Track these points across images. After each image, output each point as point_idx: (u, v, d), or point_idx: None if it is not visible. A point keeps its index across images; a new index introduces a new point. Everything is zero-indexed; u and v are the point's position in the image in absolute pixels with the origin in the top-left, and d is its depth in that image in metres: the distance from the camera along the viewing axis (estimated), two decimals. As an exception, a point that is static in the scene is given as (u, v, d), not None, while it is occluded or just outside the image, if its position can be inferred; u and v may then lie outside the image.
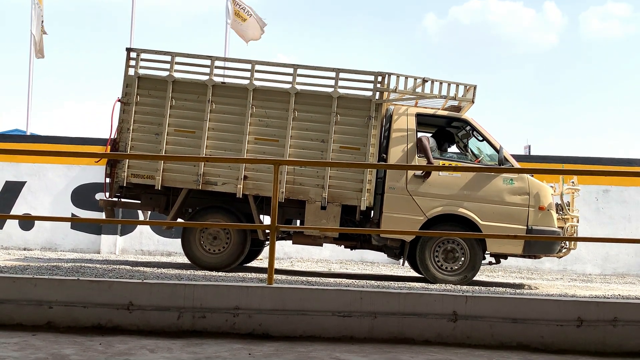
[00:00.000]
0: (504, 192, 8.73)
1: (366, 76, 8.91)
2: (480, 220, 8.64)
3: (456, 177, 8.76)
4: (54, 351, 3.81)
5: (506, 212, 8.68)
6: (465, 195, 8.73)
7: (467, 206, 8.70)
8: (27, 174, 13.00)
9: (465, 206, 8.71)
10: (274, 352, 4.01)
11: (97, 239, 12.82)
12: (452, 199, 8.74)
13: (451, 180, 8.78)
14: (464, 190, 8.74)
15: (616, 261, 12.46)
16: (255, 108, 8.93)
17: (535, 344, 4.45)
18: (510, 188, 8.73)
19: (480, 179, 8.76)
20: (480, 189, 8.74)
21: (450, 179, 8.78)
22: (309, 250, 12.36)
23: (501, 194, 8.73)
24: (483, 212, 8.68)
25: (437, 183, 8.78)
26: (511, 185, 8.73)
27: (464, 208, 8.71)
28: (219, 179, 8.94)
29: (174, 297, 4.56)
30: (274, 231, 5.00)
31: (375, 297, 4.55)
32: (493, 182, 8.77)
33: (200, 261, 9.04)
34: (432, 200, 8.74)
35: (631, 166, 12.29)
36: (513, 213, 8.68)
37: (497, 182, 8.76)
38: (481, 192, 8.73)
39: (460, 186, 8.75)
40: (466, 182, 8.76)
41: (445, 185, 8.77)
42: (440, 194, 8.76)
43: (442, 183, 8.78)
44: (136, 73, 9.05)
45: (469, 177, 8.75)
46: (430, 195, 8.76)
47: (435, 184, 8.77)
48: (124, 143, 8.99)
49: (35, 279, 4.65)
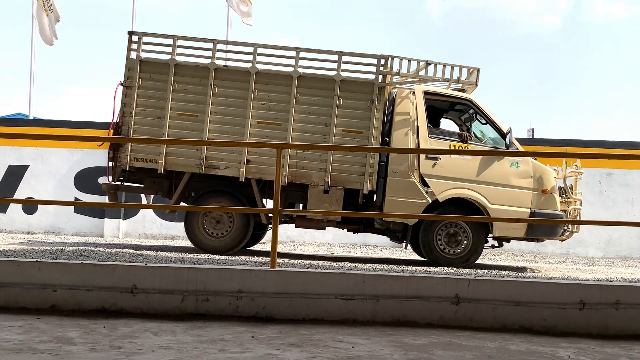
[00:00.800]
0: (510, 175, 8.70)
1: (369, 59, 8.88)
2: (485, 203, 8.63)
3: (460, 160, 8.72)
4: (59, 334, 3.83)
5: (512, 195, 8.66)
6: (469, 178, 8.70)
7: (471, 189, 8.68)
8: (30, 158, 13.01)
9: (470, 189, 8.68)
10: (277, 334, 4.03)
11: (100, 223, 12.86)
12: (457, 182, 8.71)
13: (456, 163, 8.74)
14: (469, 173, 8.70)
15: (619, 244, 12.47)
16: (258, 91, 8.91)
17: (538, 327, 4.47)
18: (516, 171, 8.71)
19: (485, 162, 8.71)
20: (486, 172, 8.69)
21: (456, 162, 8.73)
22: (312, 233, 12.39)
23: (507, 177, 8.70)
24: (487, 195, 8.66)
25: (444, 166, 8.74)
26: (516, 169, 8.70)
27: (471, 190, 8.67)
28: (222, 163, 8.94)
29: (178, 280, 4.57)
30: (277, 215, 5.00)
31: (378, 281, 4.56)
32: (499, 165, 8.72)
33: (203, 245, 9.07)
34: (440, 184, 8.70)
35: (635, 149, 12.25)
36: (517, 196, 8.66)
37: (503, 165, 8.72)
38: (487, 175, 8.69)
39: (465, 169, 8.71)
40: (471, 165, 8.71)
41: (449, 169, 8.74)
42: (448, 176, 8.72)
43: (448, 166, 8.74)
44: (138, 57, 9.03)
45: (474, 160, 8.69)
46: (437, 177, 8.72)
47: (442, 166, 8.73)
48: (127, 127, 8.99)
49: (39, 262, 4.66)
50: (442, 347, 3.85)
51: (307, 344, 3.79)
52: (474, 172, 8.70)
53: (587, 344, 4.15)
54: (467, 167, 8.71)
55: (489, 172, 8.71)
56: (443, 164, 8.73)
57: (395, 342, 3.95)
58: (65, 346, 3.55)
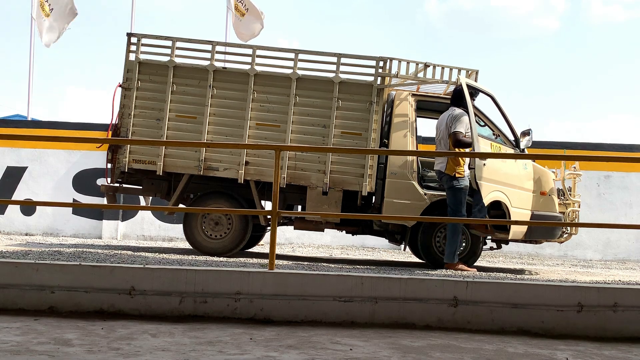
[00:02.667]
0: (523, 178, 8.49)
1: (368, 61, 8.88)
2: (512, 206, 8.29)
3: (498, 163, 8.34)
4: (56, 336, 3.83)
5: (524, 198, 8.42)
6: (501, 181, 8.32)
7: (504, 192, 8.31)
8: (28, 160, 13.01)
9: (504, 192, 8.31)
10: (275, 336, 4.03)
11: (98, 225, 12.85)
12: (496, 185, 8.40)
13: (496, 167, 8.38)
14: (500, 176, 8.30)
15: (617, 247, 12.47)
16: (257, 93, 8.91)
17: (536, 329, 4.47)
18: (526, 173, 8.54)
19: (510, 166, 8.44)
20: (509, 175, 8.38)
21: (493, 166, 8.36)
22: (310, 235, 12.38)
23: (522, 179, 8.42)
24: (512, 198, 8.33)
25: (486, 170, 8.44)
26: (527, 171, 8.55)
27: (502, 194, 8.34)
28: (221, 165, 8.94)
29: (176, 282, 4.57)
30: (275, 217, 5.00)
31: (377, 282, 4.57)
32: (516, 168, 8.43)
33: (201, 246, 9.07)
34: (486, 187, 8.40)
35: (633, 152, 12.27)
36: (527, 198, 8.49)
37: (519, 168, 8.45)
38: (509, 178, 8.38)
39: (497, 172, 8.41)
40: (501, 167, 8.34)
41: (491, 172, 8.30)
42: (491, 179, 8.25)
43: (489, 170, 8.41)
44: (137, 58, 9.03)
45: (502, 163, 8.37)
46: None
47: (486, 170, 8.42)
48: (125, 128, 8.99)
49: (37, 264, 4.66)
50: (440, 349, 3.85)
51: (305, 346, 3.79)
52: (502, 176, 8.36)
53: (585, 346, 4.15)
54: (498, 171, 8.34)
55: (510, 175, 8.47)
56: (487, 167, 8.14)
57: (393, 344, 3.95)
58: (63, 347, 3.55)
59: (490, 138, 8.57)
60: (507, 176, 8.42)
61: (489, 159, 8.14)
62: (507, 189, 8.40)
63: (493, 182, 8.22)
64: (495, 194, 8.25)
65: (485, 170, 8.11)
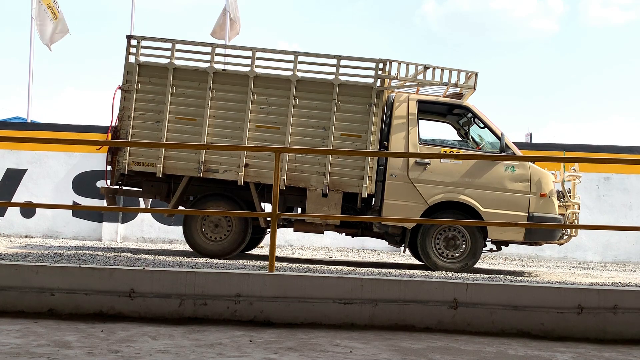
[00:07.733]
0: (505, 179, 8.74)
1: (367, 63, 8.89)
2: (482, 207, 8.65)
3: (457, 165, 8.75)
4: (56, 338, 3.83)
5: (508, 199, 8.68)
6: (466, 182, 8.74)
7: (468, 193, 8.71)
8: (28, 162, 13.01)
9: (467, 193, 8.71)
10: (275, 338, 4.03)
11: (98, 227, 12.85)
12: (454, 186, 8.74)
13: (452, 168, 8.77)
14: (465, 177, 8.74)
15: (617, 249, 12.47)
16: (256, 95, 8.91)
17: (536, 331, 4.47)
18: (512, 175, 8.73)
19: (481, 166, 8.75)
20: (482, 176, 8.74)
21: (452, 166, 8.77)
22: (310, 237, 12.38)
23: (502, 181, 8.73)
24: (484, 199, 8.68)
25: (439, 170, 8.78)
26: (512, 172, 8.73)
27: (465, 195, 8.71)
28: (220, 167, 8.94)
29: (176, 284, 4.57)
30: (275, 219, 5.00)
31: (376, 285, 4.56)
32: (494, 169, 8.76)
33: (201, 249, 9.06)
34: (434, 188, 8.74)
35: (633, 154, 12.27)
36: (514, 200, 8.67)
37: (498, 169, 8.76)
38: (483, 179, 8.73)
39: (462, 173, 8.75)
40: (467, 169, 8.76)
41: (447, 173, 8.76)
42: (441, 181, 8.75)
43: (444, 170, 8.77)
44: (137, 60, 9.03)
45: (470, 164, 8.75)
46: (431, 182, 8.76)
47: (436, 171, 8.77)
48: (125, 131, 8.99)
49: (37, 266, 4.66)
50: (440, 352, 3.85)
51: (305, 348, 3.79)
52: (465, 177, 8.72)
53: (585, 348, 4.15)
54: (458, 172, 8.73)
55: (482, 176, 8.73)
56: (433, 168, 8.75)
57: (393, 346, 3.95)
58: (63, 350, 3.55)
59: (443, 144, 8.98)
60: (472, 178, 8.71)
61: (442, 160, 8.69)
62: (474, 191, 8.69)
63: (441, 184, 8.71)
64: (444, 195, 8.68)
65: (426, 172, 8.69)
